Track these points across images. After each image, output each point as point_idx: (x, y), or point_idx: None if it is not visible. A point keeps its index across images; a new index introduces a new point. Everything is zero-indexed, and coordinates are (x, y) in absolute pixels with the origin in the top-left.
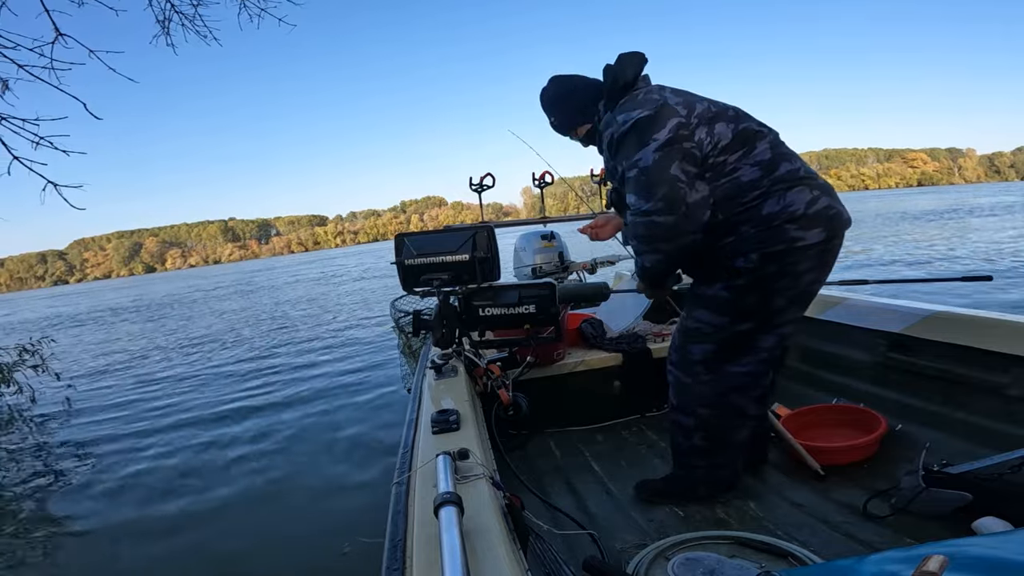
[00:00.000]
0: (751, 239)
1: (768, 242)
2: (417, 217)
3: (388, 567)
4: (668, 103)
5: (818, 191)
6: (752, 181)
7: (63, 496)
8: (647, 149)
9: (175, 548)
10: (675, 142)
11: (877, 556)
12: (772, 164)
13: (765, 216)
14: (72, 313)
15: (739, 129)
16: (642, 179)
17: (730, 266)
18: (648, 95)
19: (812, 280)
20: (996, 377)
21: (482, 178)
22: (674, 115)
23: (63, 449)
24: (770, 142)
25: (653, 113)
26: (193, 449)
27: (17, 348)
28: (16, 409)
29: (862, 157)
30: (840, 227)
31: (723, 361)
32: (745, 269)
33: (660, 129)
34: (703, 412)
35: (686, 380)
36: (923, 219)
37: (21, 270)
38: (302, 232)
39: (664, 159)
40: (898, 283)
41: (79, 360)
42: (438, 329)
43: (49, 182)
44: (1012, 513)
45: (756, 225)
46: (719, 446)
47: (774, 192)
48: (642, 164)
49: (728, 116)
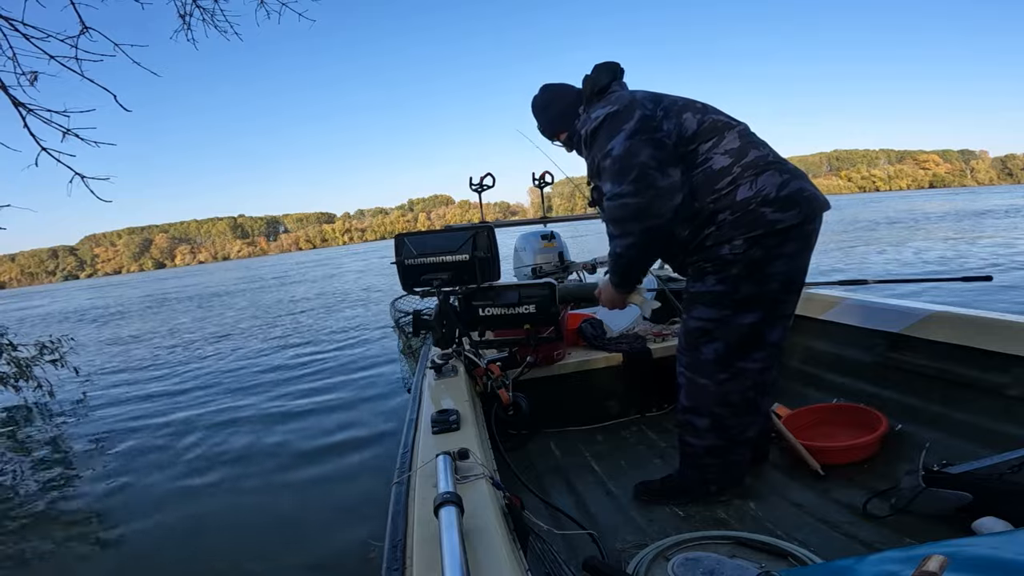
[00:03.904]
0: (730, 225)
1: (748, 226)
2: (424, 215)
3: (388, 567)
4: (636, 98)
5: (788, 175)
6: (723, 168)
7: (69, 491)
8: (618, 138)
9: (174, 547)
10: (643, 132)
11: (877, 556)
12: (742, 151)
13: (740, 202)
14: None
15: (707, 120)
16: (614, 166)
17: (716, 256)
18: (619, 94)
19: (801, 263)
20: (996, 377)
21: (482, 178)
22: (641, 108)
23: (76, 444)
24: (739, 132)
25: (622, 108)
26: (193, 449)
27: (37, 344)
28: (35, 404)
29: (873, 158)
30: (817, 208)
31: (736, 358)
32: (733, 256)
33: (628, 120)
34: (719, 411)
35: (703, 382)
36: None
37: (32, 265)
38: (310, 229)
39: (634, 146)
40: (898, 283)
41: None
42: (438, 329)
43: (77, 174)
44: (1012, 513)
45: (734, 211)
46: (734, 443)
47: (745, 178)
48: (614, 153)
49: (696, 108)
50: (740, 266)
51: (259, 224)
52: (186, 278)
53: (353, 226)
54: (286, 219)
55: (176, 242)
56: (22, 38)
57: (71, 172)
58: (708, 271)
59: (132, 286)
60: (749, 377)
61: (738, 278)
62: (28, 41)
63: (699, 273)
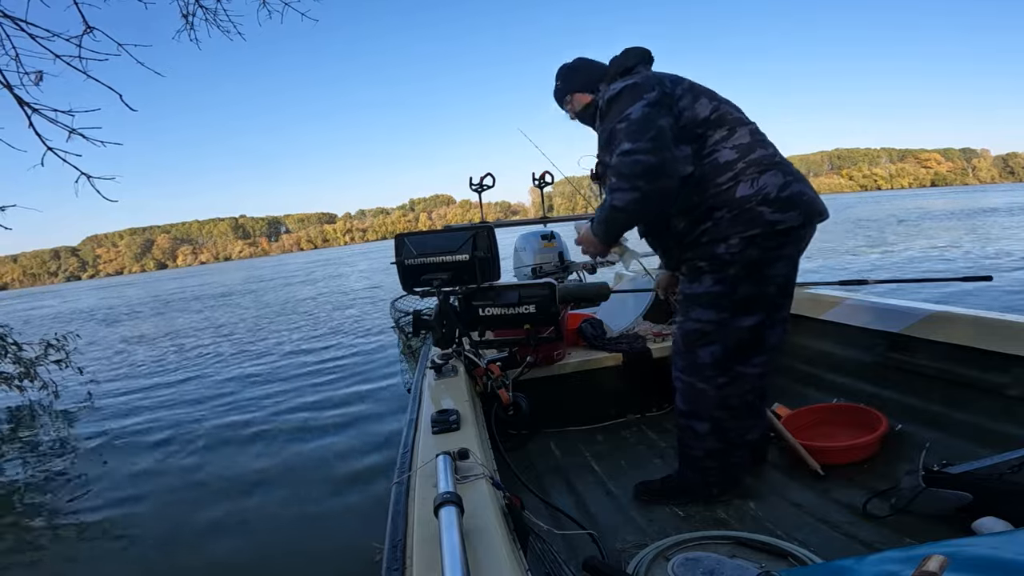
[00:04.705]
0: (728, 223)
1: (746, 225)
2: (426, 215)
3: (388, 567)
4: (657, 76)
5: (791, 176)
6: (728, 163)
7: (72, 492)
8: (636, 105)
9: (174, 546)
10: (662, 104)
11: (877, 556)
12: (749, 147)
13: (739, 199)
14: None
15: (720, 109)
16: (631, 127)
17: (712, 254)
18: (641, 72)
19: (795, 265)
20: (996, 377)
21: (482, 178)
22: (660, 85)
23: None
24: (750, 130)
25: (642, 81)
26: (191, 448)
27: (42, 343)
28: (40, 405)
29: (875, 157)
30: (815, 214)
31: (734, 362)
32: (729, 256)
33: (649, 92)
34: (719, 415)
35: (701, 386)
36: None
37: (34, 266)
38: (311, 230)
39: (652, 113)
40: (898, 283)
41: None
42: (438, 329)
43: (83, 174)
44: (1012, 513)
45: (731, 209)
46: (734, 446)
47: (747, 175)
48: (632, 117)
49: (713, 96)
50: (738, 266)
51: (260, 224)
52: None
53: (354, 226)
54: (287, 219)
55: (178, 243)
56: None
57: (75, 173)
58: (705, 271)
59: (139, 286)
60: (748, 381)
61: (736, 279)
62: (34, 41)
63: (695, 273)
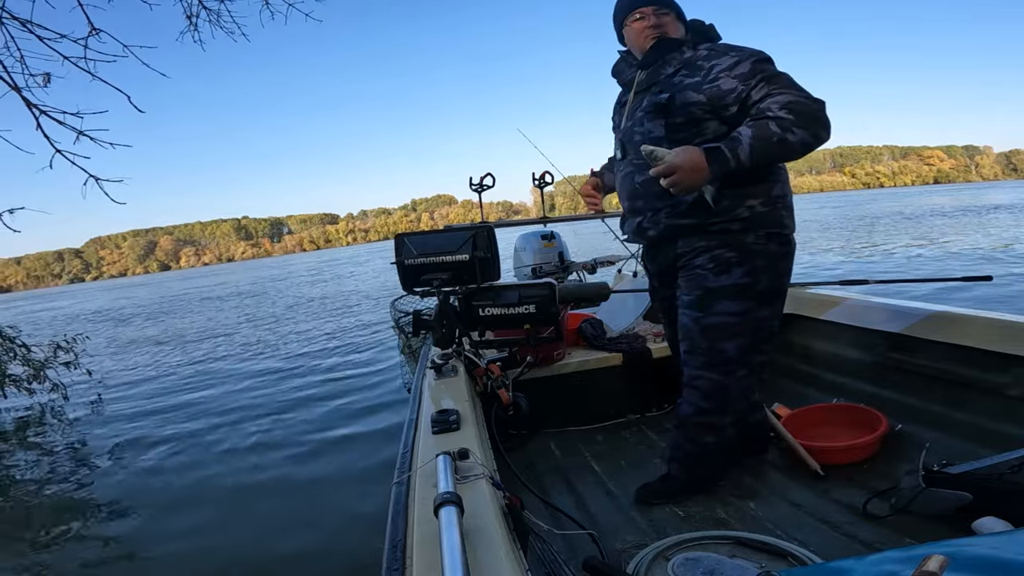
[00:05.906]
0: (760, 216)
1: (770, 224)
2: (427, 215)
3: (388, 567)
4: None
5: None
6: None
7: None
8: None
9: (173, 546)
10: None
11: (877, 556)
12: None
13: (773, 197)
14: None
15: None
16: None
17: (741, 243)
18: None
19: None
20: (996, 377)
21: (482, 178)
22: None
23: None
24: None
25: None
26: (190, 448)
27: (51, 345)
28: (49, 407)
29: (877, 155)
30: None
31: (754, 352)
32: (758, 247)
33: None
34: (742, 406)
35: (725, 381)
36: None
37: (38, 268)
38: (314, 231)
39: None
40: (898, 283)
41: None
42: (438, 329)
43: (91, 176)
44: (1012, 513)
45: (765, 204)
46: (738, 434)
47: (783, 176)
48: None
49: None
50: (763, 258)
51: (263, 225)
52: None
53: (356, 227)
54: (290, 220)
55: (181, 244)
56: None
57: (83, 175)
58: (734, 262)
59: (146, 287)
60: (757, 369)
61: (759, 270)
62: (42, 42)
63: (724, 265)
